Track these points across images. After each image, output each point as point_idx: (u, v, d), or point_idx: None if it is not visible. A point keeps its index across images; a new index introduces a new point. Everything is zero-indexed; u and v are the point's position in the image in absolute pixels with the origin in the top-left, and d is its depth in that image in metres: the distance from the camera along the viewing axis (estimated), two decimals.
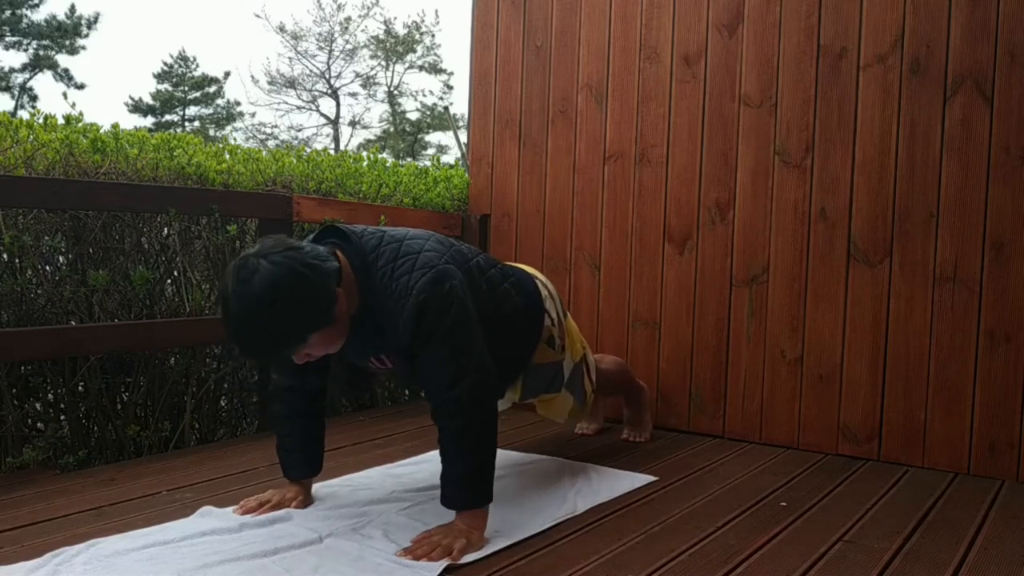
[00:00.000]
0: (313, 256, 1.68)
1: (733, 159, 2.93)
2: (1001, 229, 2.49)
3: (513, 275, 2.16)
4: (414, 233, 1.91)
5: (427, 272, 1.78)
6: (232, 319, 1.62)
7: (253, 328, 1.62)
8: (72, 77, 26.07)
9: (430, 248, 1.85)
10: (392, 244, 1.84)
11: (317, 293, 1.66)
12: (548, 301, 2.24)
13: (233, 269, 1.64)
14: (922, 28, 2.60)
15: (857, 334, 2.71)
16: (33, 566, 1.61)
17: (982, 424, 2.52)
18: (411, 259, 1.81)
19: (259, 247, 1.66)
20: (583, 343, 2.43)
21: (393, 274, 1.79)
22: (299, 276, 1.63)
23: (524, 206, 3.43)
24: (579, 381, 2.36)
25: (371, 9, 27.86)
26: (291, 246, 1.67)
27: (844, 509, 2.15)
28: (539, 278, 2.29)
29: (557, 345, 2.25)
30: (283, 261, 1.62)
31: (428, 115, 28.11)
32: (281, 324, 1.63)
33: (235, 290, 1.61)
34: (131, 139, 2.81)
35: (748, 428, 2.91)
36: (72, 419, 2.62)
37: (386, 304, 1.79)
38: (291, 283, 1.61)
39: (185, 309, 2.81)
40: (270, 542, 1.75)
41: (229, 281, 1.63)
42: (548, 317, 2.22)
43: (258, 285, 1.59)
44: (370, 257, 1.82)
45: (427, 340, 1.78)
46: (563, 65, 3.31)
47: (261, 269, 1.60)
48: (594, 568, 1.70)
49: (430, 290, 1.76)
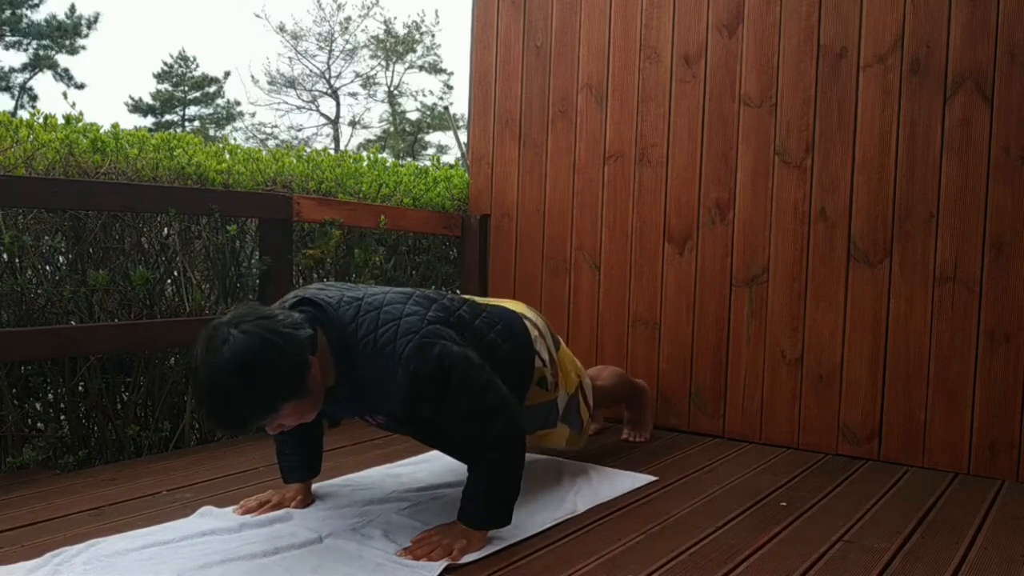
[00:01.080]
0: (286, 324, 1.63)
1: (733, 159, 2.93)
2: (1001, 229, 2.49)
3: (499, 322, 2.07)
4: (391, 297, 1.84)
5: (412, 338, 1.74)
6: (202, 389, 1.57)
7: (223, 399, 1.57)
8: (72, 77, 26.07)
9: (410, 312, 1.80)
10: (371, 312, 1.78)
11: (289, 363, 1.60)
12: (539, 341, 2.18)
13: (204, 337, 1.59)
14: (922, 28, 2.60)
15: (857, 334, 2.71)
16: (33, 566, 1.61)
17: (982, 424, 2.52)
18: (392, 326, 1.75)
19: (231, 315, 1.62)
20: (578, 370, 2.38)
21: (376, 343, 1.74)
22: (271, 345, 1.57)
23: (524, 206, 3.43)
24: (575, 411, 2.33)
25: (371, 9, 27.86)
26: (264, 315, 1.63)
27: (844, 509, 2.15)
28: (528, 317, 2.21)
29: (550, 384, 2.20)
30: (254, 330, 1.57)
31: (428, 115, 28.11)
32: (252, 395, 1.57)
33: (205, 360, 1.56)
34: (131, 139, 2.81)
35: (748, 428, 2.91)
36: (72, 419, 2.62)
37: (373, 373, 1.75)
38: (263, 353, 1.56)
39: (185, 309, 2.81)
40: (270, 542, 1.75)
41: (200, 350, 1.58)
42: (539, 359, 2.16)
43: (229, 355, 1.54)
44: (349, 328, 1.76)
45: (440, 404, 1.77)
46: (563, 65, 3.31)
47: (232, 339, 1.55)
48: (594, 568, 1.70)
49: (419, 357, 1.72)
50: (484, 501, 1.82)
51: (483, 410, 1.78)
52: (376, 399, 1.81)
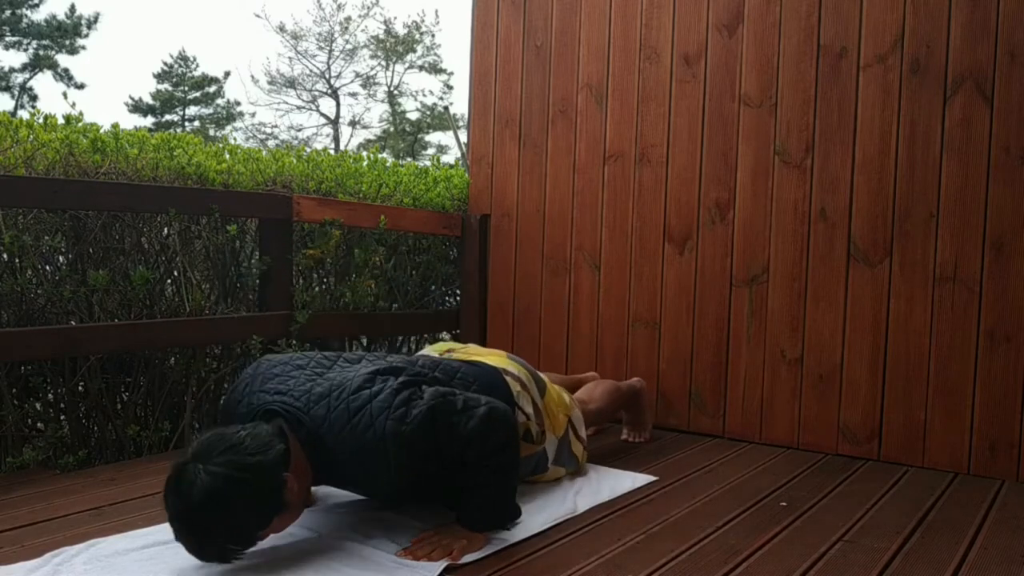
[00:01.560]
0: (254, 449, 1.59)
1: (733, 159, 2.93)
2: (1001, 229, 2.49)
3: (476, 381, 2.04)
4: (357, 383, 1.78)
5: (387, 413, 1.71)
6: (177, 533, 1.57)
7: (201, 541, 1.57)
8: (72, 77, 26.06)
9: (377, 391, 1.76)
10: (340, 406, 1.74)
11: (260, 496, 1.58)
12: (522, 396, 2.14)
13: (172, 478, 1.56)
14: (922, 28, 2.60)
15: (857, 334, 2.71)
16: (33, 566, 1.61)
17: (982, 424, 2.52)
18: (365, 412, 1.73)
19: (196, 449, 1.58)
20: (566, 409, 2.34)
21: (355, 434, 1.71)
22: (239, 484, 1.54)
23: (524, 206, 3.43)
24: (567, 451, 2.31)
25: (371, 9, 27.83)
26: (230, 445, 1.58)
27: (844, 509, 2.15)
28: (508, 371, 2.17)
29: (536, 435, 2.17)
30: (219, 471, 1.53)
31: (428, 115, 28.10)
32: (228, 534, 1.57)
33: (175, 503, 1.54)
34: (131, 139, 2.81)
35: (748, 428, 2.91)
36: (72, 419, 2.62)
37: (362, 464, 1.73)
38: (232, 493, 1.54)
39: (185, 309, 2.81)
40: (270, 542, 1.75)
41: (169, 492, 1.55)
42: (522, 414, 2.12)
43: (197, 500, 1.52)
44: (323, 429, 1.72)
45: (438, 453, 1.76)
46: (563, 65, 3.31)
47: (198, 481, 1.52)
48: (594, 568, 1.70)
49: (402, 430, 1.70)
50: (483, 505, 1.83)
51: (473, 430, 1.76)
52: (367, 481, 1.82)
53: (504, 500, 1.87)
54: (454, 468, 1.81)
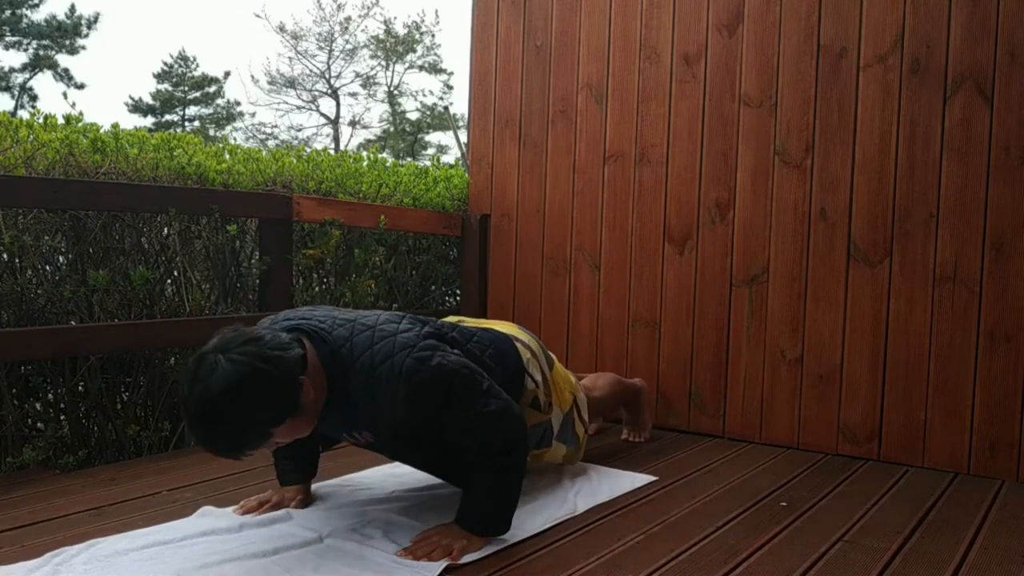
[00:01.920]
0: (274, 346, 1.62)
1: (733, 159, 2.93)
2: (1001, 229, 2.49)
3: (491, 344, 2.07)
4: (385, 317, 1.84)
5: (410, 352, 1.73)
6: (192, 420, 1.57)
7: (215, 429, 1.57)
8: (72, 77, 26.06)
9: (405, 329, 1.80)
10: (364, 332, 1.78)
11: (279, 388, 1.60)
12: (531, 363, 2.16)
13: (191, 367, 1.57)
14: (922, 28, 2.60)
15: (857, 334, 2.71)
16: (33, 566, 1.61)
17: (982, 424, 2.52)
18: (388, 343, 1.75)
19: (217, 341, 1.60)
20: (572, 388, 2.36)
21: (372, 361, 1.73)
22: (259, 373, 1.56)
23: (524, 206, 3.43)
24: (570, 428, 2.32)
25: (371, 9, 27.83)
26: (250, 338, 1.61)
27: (844, 509, 2.15)
28: (519, 339, 2.20)
29: (543, 404, 2.19)
30: (241, 359, 1.55)
31: (428, 115, 28.10)
32: (243, 423, 1.58)
33: (193, 390, 1.55)
34: (131, 139, 2.81)
35: (748, 428, 2.91)
36: (72, 419, 2.62)
37: (370, 389, 1.74)
38: (251, 381, 1.55)
39: (185, 309, 2.81)
40: (270, 542, 1.75)
41: (187, 380, 1.56)
42: (531, 380, 2.14)
43: (216, 385, 1.53)
44: (344, 348, 1.75)
45: (441, 416, 1.76)
46: (563, 65, 3.31)
47: (218, 368, 1.54)
48: (594, 568, 1.70)
49: (417, 370, 1.72)
50: (483, 509, 1.82)
51: (485, 418, 1.77)
52: (369, 416, 1.80)
53: (503, 507, 1.84)
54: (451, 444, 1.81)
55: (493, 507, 1.83)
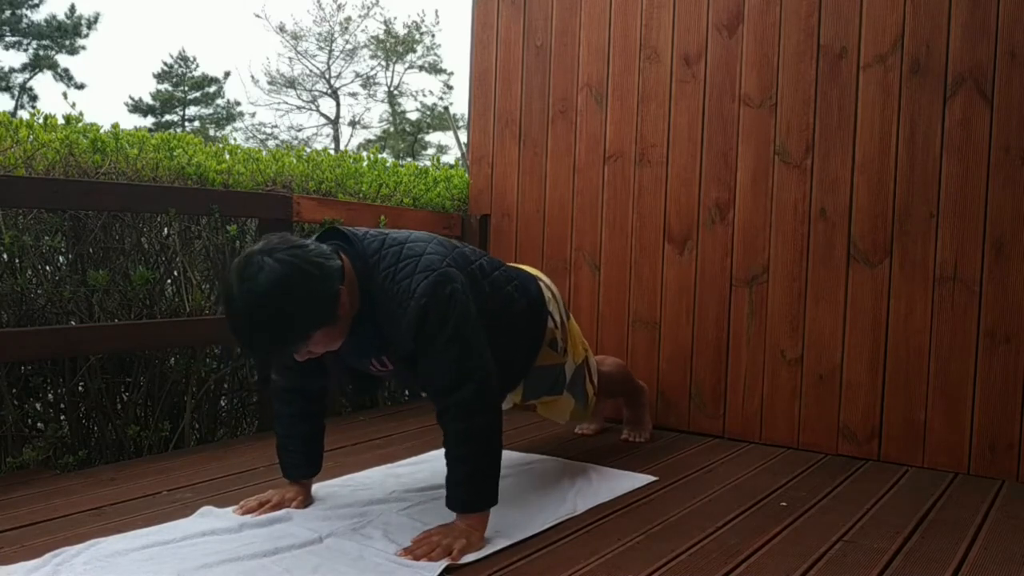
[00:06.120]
0: (317, 254, 1.68)
1: (733, 159, 2.93)
2: (1001, 229, 2.49)
3: (516, 278, 2.15)
4: (416, 236, 1.90)
5: (429, 275, 1.78)
6: (237, 317, 1.62)
7: (258, 326, 1.61)
8: (72, 77, 26.05)
9: (432, 251, 1.85)
10: (394, 247, 1.83)
11: (321, 291, 1.66)
12: (551, 303, 2.24)
13: (237, 266, 1.63)
14: (922, 28, 2.60)
15: (857, 334, 2.71)
16: (33, 566, 1.61)
17: (982, 424, 2.52)
18: (413, 262, 1.80)
19: (263, 244, 1.66)
20: (585, 346, 2.42)
21: (395, 277, 1.78)
22: (304, 274, 1.62)
23: (524, 206, 3.43)
24: (581, 383, 2.35)
25: (371, 9, 27.80)
26: (296, 244, 1.67)
27: (844, 509, 2.15)
28: (542, 280, 2.28)
29: (560, 347, 2.24)
30: (288, 259, 1.62)
31: (428, 115, 28.10)
32: (286, 321, 1.62)
33: (240, 287, 1.60)
34: (131, 139, 2.81)
35: (748, 428, 2.91)
36: (72, 419, 2.62)
37: (388, 306, 1.78)
38: (296, 281, 1.61)
39: (185, 309, 2.81)
40: (270, 542, 1.75)
41: (234, 279, 1.62)
42: (552, 319, 2.21)
43: (263, 283, 1.58)
44: (372, 260, 1.81)
45: (429, 343, 1.78)
46: (563, 65, 3.31)
47: (266, 267, 1.60)
48: (594, 568, 1.70)
49: (431, 293, 1.76)
50: (463, 484, 1.79)
51: (459, 369, 1.77)
52: (392, 334, 1.82)
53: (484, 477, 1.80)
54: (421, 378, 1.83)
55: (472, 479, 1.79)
